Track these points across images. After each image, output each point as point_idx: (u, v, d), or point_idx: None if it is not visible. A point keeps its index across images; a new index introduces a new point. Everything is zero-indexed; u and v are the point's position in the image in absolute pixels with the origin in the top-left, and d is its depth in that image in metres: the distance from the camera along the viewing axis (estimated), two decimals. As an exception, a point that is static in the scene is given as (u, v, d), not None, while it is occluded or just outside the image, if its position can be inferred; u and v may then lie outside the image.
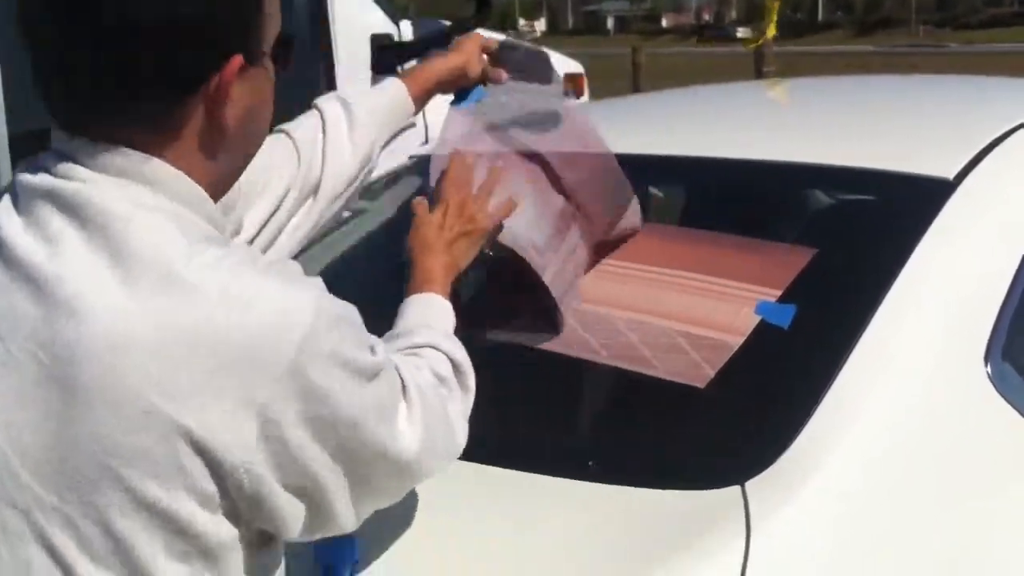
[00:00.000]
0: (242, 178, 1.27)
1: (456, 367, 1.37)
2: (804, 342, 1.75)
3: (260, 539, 1.08)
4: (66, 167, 1.05)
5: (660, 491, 1.49)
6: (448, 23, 7.08)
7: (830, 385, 1.61)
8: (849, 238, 2.05)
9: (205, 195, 1.11)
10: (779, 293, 1.79)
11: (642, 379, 1.71)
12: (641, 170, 2.59)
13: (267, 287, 1.02)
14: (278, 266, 1.11)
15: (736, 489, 1.45)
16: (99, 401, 0.97)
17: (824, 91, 3.48)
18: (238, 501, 1.02)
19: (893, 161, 2.12)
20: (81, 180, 1.04)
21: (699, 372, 1.68)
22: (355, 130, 1.61)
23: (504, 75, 1.83)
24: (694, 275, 1.92)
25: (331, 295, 1.10)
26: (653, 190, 2.87)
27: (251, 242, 1.47)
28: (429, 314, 1.45)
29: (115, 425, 0.97)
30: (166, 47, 1.03)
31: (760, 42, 8.42)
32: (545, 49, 1.98)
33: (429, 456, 1.19)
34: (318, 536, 1.15)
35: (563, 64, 7.63)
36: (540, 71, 1.89)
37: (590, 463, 1.58)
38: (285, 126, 1.60)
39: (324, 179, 1.57)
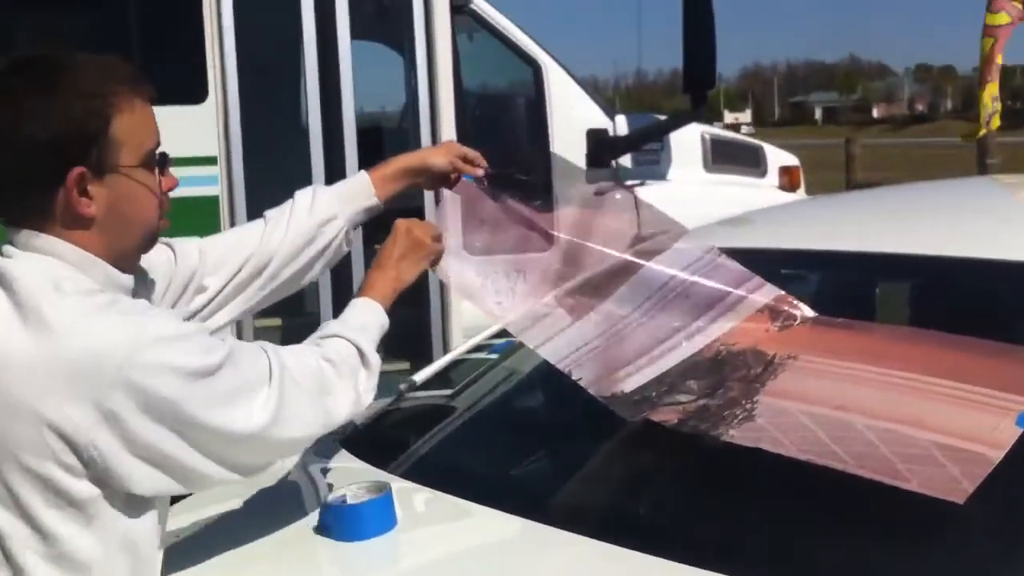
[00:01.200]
0: (212, 253, 1.92)
1: (361, 352, 1.77)
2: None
3: (128, 496, 1.49)
4: (6, 247, 1.54)
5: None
6: (663, 117, 7.09)
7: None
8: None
9: (91, 258, 1.53)
10: (1042, 404, 1.69)
11: (894, 492, 1.62)
12: (871, 268, 2.52)
13: (99, 323, 1.45)
14: (123, 307, 1.50)
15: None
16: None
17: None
18: (95, 469, 1.44)
19: None
20: (8, 256, 1.53)
21: (957, 487, 1.59)
22: (316, 200, 2.04)
23: (478, 171, 2.15)
24: (945, 381, 1.83)
25: (169, 319, 1.55)
26: (878, 290, 2.78)
27: (216, 296, 1.93)
28: (352, 313, 1.85)
29: (6, 419, 1.44)
30: (22, 163, 1.48)
31: (983, 133, 8.13)
32: (760, 142, 1.97)
33: (283, 430, 1.58)
34: (198, 489, 1.66)
35: (778, 157, 7.51)
36: (751, 163, 1.92)
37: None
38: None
39: (285, 238, 1.99)
